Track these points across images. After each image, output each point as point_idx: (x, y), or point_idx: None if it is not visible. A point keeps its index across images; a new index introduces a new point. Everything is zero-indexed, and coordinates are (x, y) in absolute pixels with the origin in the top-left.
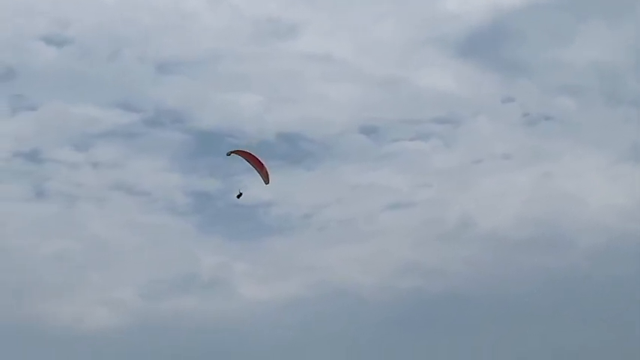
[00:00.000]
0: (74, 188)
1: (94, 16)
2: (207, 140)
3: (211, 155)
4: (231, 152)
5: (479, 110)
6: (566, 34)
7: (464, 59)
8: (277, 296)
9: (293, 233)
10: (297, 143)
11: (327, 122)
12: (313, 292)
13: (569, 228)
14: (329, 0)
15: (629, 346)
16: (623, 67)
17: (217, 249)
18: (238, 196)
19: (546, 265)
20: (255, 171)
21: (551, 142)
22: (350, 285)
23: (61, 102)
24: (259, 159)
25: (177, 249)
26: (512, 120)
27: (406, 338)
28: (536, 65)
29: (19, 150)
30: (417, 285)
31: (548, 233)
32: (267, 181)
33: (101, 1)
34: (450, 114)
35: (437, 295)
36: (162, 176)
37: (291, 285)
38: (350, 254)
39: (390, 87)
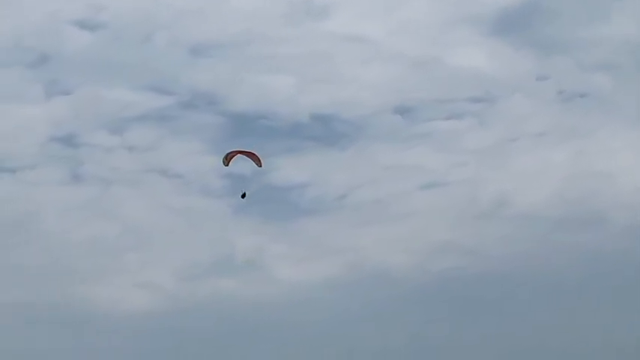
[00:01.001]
0: (110, 172)
1: (126, 1)
2: (241, 122)
3: (245, 137)
4: (226, 161)
5: (513, 88)
6: (601, 11)
7: (498, 37)
8: (312, 277)
9: (328, 214)
10: (330, 124)
11: (361, 103)
12: (348, 273)
13: (605, 206)
14: None
15: None
16: None
17: (253, 231)
18: (242, 196)
19: (583, 244)
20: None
21: (586, 120)
22: (385, 266)
23: (96, 86)
24: (247, 150)
25: (212, 231)
26: (547, 98)
27: (442, 319)
28: (571, 42)
29: (55, 134)
30: (452, 265)
31: (585, 211)
32: (260, 164)
33: None
34: (485, 93)
35: (473, 275)
36: (197, 159)
37: (326, 266)
38: (385, 235)
39: (423, 67)
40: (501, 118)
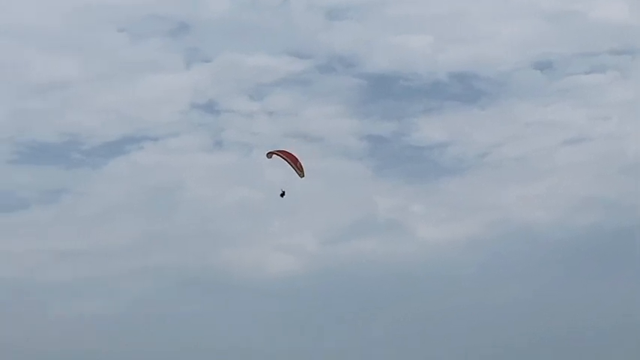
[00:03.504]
0: (250, 137)
1: None
2: (380, 84)
3: (384, 98)
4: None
5: None
6: None
7: None
8: (455, 237)
9: (469, 173)
10: (470, 82)
11: (500, 60)
12: (491, 231)
13: None
14: None
15: None
16: None
17: (393, 191)
18: (282, 195)
19: None
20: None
21: None
22: (528, 223)
23: (235, 52)
24: (294, 154)
25: (354, 193)
26: None
27: (587, 274)
28: None
29: (196, 102)
30: (597, 220)
31: None
32: (302, 175)
33: None
34: (626, 45)
35: (618, 230)
36: (337, 121)
37: (468, 225)
38: (527, 192)
39: (562, 20)
40: None
